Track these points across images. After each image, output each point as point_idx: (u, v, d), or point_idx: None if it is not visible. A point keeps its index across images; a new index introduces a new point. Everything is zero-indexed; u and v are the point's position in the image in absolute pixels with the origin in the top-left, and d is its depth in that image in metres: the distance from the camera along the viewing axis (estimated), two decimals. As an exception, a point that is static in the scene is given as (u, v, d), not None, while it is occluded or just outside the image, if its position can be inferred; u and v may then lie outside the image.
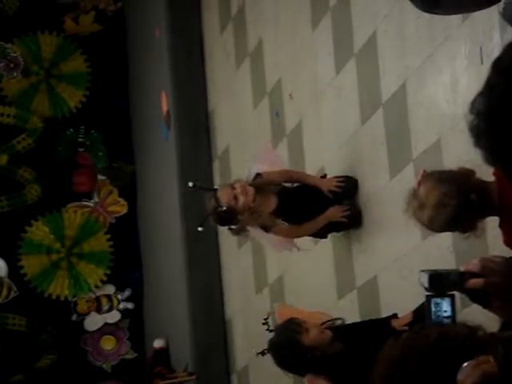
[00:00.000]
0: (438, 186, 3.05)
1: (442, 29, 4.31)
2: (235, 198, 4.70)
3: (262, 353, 3.89)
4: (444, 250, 4.27)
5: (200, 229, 4.91)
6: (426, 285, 2.60)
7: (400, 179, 4.66)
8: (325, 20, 5.47)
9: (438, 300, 2.51)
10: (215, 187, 4.86)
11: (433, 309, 2.50)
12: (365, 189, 5.04)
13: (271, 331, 4.27)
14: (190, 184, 5.24)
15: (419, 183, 3.10)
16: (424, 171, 3.15)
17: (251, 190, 4.74)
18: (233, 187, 4.76)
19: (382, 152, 4.85)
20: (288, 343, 3.91)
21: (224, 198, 4.71)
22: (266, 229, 4.82)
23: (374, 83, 4.89)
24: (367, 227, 5.01)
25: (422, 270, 2.51)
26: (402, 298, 4.50)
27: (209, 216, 4.78)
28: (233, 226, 4.81)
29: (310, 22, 5.65)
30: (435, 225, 3.09)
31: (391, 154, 4.79)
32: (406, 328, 3.81)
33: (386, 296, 4.84)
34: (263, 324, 4.25)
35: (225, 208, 4.67)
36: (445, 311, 2.45)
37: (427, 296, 2.64)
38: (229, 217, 4.73)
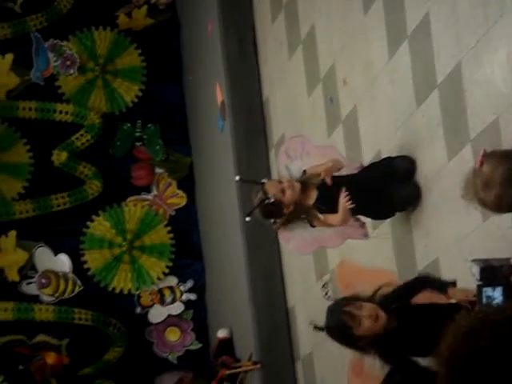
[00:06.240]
0: (504, 162, 2.95)
1: (496, 6, 4.25)
2: (282, 191, 4.77)
3: (318, 328, 3.93)
4: (505, 231, 4.22)
5: (247, 219, 4.95)
6: (477, 276, 2.54)
7: (458, 160, 4.61)
8: (376, 3, 5.42)
9: (490, 290, 2.46)
10: (262, 181, 4.89)
11: (484, 299, 2.45)
12: (423, 171, 5.00)
13: (328, 298, 4.30)
14: (237, 178, 5.38)
15: (481, 162, 3.02)
16: (484, 150, 3.07)
17: (298, 185, 4.81)
18: (280, 181, 4.84)
19: (439, 134, 4.80)
20: (340, 336, 3.91)
21: (271, 190, 4.79)
22: (310, 222, 4.86)
23: (429, 65, 4.84)
24: (427, 210, 4.97)
25: (473, 260, 2.45)
26: (463, 281, 4.45)
27: (256, 207, 4.82)
28: (277, 220, 4.85)
29: (361, 5, 5.60)
30: (503, 203, 2.98)
31: (448, 136, 4.74)
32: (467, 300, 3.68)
33: (447, 278, 4.79)
34: (323, 288, 4.31)
35: (272, 200, 4.73)
36: (496, 301, 2.39)
37: (478, 286, 2.58)
38: (275, 209, 4.79)
